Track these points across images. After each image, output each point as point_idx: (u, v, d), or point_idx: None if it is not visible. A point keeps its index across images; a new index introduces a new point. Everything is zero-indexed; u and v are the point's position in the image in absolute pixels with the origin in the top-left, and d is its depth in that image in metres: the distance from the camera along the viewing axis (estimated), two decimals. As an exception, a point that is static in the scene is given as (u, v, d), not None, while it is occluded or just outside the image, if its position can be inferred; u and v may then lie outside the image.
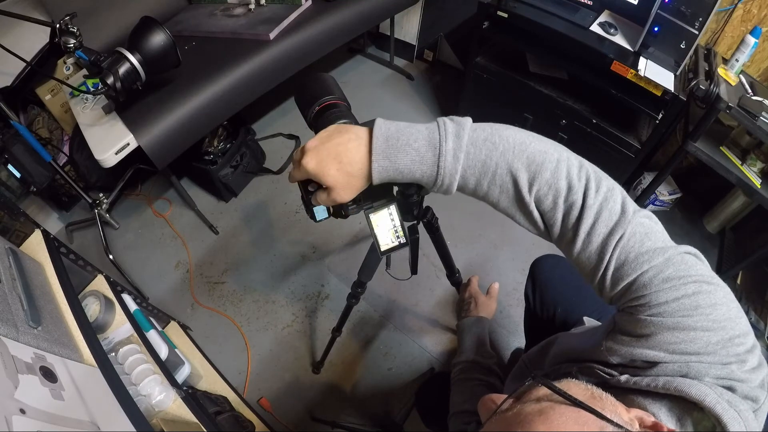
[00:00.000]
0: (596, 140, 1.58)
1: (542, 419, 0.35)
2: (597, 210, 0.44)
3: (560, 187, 0.44)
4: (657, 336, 0.41)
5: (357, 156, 0.48)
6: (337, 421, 1.35)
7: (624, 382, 0.43)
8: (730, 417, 0.37)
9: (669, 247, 0.43)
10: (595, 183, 0.44)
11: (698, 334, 0.40)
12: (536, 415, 0.35)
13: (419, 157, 0.46)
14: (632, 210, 0.44)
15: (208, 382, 1.37)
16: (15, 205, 1.03)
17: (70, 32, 1.17)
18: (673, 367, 0.41)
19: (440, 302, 1.64)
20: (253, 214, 1.92)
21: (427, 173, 0.47)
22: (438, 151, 0.45)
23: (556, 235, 0.47)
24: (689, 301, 0.41)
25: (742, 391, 0.40)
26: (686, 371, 0.41)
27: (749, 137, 1.44)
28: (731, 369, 0.40)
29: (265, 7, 1.72)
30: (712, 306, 0.40)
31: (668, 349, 0.41)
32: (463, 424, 0.73)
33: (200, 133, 1.52)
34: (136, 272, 1.73)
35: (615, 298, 0.45)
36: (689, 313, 0.40)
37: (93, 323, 0.98)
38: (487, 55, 1.77)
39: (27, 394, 0.60)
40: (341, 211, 0.74)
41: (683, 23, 1.24)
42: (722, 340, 0.40)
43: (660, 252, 0.42)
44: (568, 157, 0.46)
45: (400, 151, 0.47)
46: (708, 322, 0.40)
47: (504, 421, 0.38)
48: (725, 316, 0.41)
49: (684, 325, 0.40)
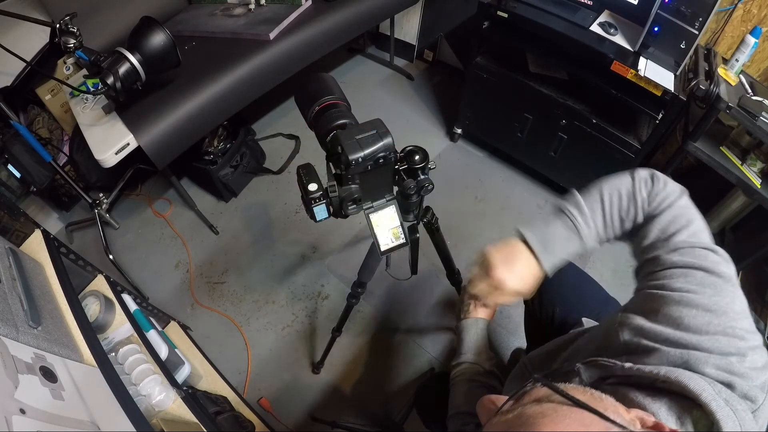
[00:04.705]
0: (596, 140, 1.58)
1: (546, 421, 0.35)
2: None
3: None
4: (663, 310, 0.46)
5: (528, 270, 0.63)
6: (337, 421, 1.35)
7: (627, 369, 0.44)
8: (725, 415, 0.37)
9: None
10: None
11: (700, 312, 0.44)
12: (539, 416, 0.35)
13: (568, 242, 0.62)
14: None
15: (208, 382, 1.37)
16: (15, 205, 1.02)
17: (70, 32, 1.17)
18: (675, 354, 0.43)
19: (440, 302, 1.64)
20: (253, 214, 1.92)
21: (578, 246, 0.63)
22: (578, 233, 0.62)
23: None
24: (697, 276, 0.47)
25: (741, 389, 0.40)
26: (686, 359, 0.42)
27: (749, 137, 1.44)
28: (730, 361, 0.41)
29: (265, 7, 1.72)
30: (718, 292, 0.45)
31: (672, 323, 0.45)
32: (462, 425, 0.73)
33: (200, 133, 1.52)
34: (136, 272, 1.73)
35: (645, 249, 0.56)
36: (694, 290, 0.46)
37: (93, 323, 0.98)
38: (487, 55, 1.77)
39: (27, 394, 0.60)
40: (341, 211, 0.74)
41: (683, 23, 1.24)
42: (723, 325, 0.43)
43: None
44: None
45: (555, 246, 0.63)
46: (711, 303, 0.44)
47: (505, 423, 0.38)
48: (729, 306, 0.44)
49: (687, 300, 0.45)
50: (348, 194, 0.71)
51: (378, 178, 0.73)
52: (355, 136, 0.67)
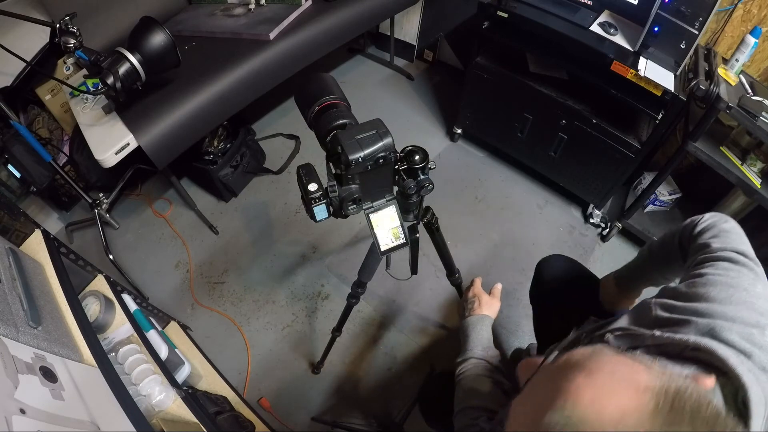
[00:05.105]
0: (596, 140, 1.58)
1: (593, 359, 0.36)
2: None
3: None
4: (691, 290, 0.52)
5: None
6: (337, 421, 1.35)
7: (657, 337, 0.46)
8: (750, 380, 0.39)
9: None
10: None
11: (724, 287, 0.50)
12: (587, 357, 0.37)
13: None
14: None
15: (208, 382, 1.37)
16: (15, 205, 1.03)
17: (70, 32, 1.17)
18: (702, 323, 0.46)
19: (440, 302, 1.64)
20: (253, 214, 1.92)
21: None
22: None
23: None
24: (722, 264, 0.54)
25: (759, 360, 0.42)
26: (712, 327, 0.45)
27: (749, 137, 1.43)
28: (752, 332, 0.45)
29: (265, 7, 1.72)
30: (740, 275, 0.52)
31: (699, 298, 0.50)
32: (472, 420, 0.73)
33: (200, 133, 1.52)
34: (136, 272, 1.73)
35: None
36: (719, 273, 0.53)
37: (93, 323, 0.98)
38: (487, 55, 1.77)
39: (27, 394, 0.60)
40: (341, 211, 0.74)
41: (683, 23, 1.24)
42: (745, 298, 0.48)
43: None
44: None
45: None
46: (734, 282, 0.51)
47: (554, 367, 0.39)
48: (751, 287, 0.50)
49: (713, 280, 0.52)
50: (348, 194, 0.71)
51: (378, 178, 0.73)
52: (355, 136, 0.67)
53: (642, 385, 0.32)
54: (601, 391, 0.32)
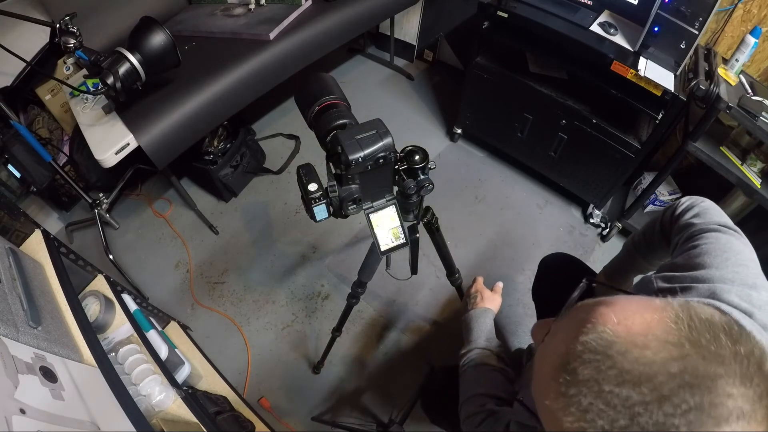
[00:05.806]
0: (596, 140, 1.58)
1: (608, 297, 0.38)
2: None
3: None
4: (689, 261, 0.55)
5: None
6: (337, 421, 1.35)
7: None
8: (754, 330, 0.41)
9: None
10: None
11: (719, 253, 0.53)
12: (601, 302, 0.38)
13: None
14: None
15: (208, 382, 1.37)
16: (15, 205, 1.02)
17: (70, 32, 1.17)
18: (703, 288, 0.49)
19: (440, 302, 1.64)
20: (253, 214, 1.92)
21: None
22: None
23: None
24: (711, 235, 0.57)
25: (760, 319, 0.45)
26: (713, 290, 0.48)
27: (749, 137, 1.43)
28: (750, 293, 0.47)
29: (265, 7, 1.72)
30: (730, 242, 0.56)
31: (697, 266, 0.53)
32: (479, 406, 0.73)
33: (200, 133, 1.52)
34: (136, 272, 1.73)
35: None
36: (710, 242, 0.56)
37: (93, 323, 0.98)
38: (487, 55, 1.77)
39: (27, 394, 0.60)
40: (341, 211, 0.74)
41: (683, 23, 1.24)
42: (739, 260, 0.52)
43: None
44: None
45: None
46: (726, 248, 0.54)
47: (569, 314, 0.40)
48: (742, 251, 0.54)
49: (706, 249, 0.55)
50: (348, 194, 0.71)
51: (378, 178, 0.73)
52: (355, 136, 0.67)
53: (659, 305, 0.35)
54: (624, 312, 0.35)
